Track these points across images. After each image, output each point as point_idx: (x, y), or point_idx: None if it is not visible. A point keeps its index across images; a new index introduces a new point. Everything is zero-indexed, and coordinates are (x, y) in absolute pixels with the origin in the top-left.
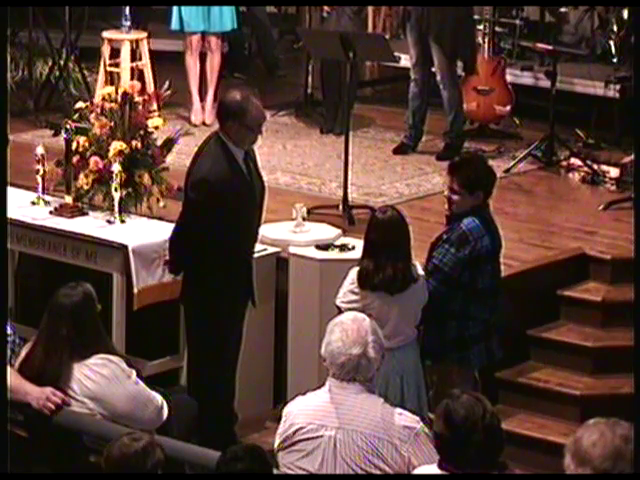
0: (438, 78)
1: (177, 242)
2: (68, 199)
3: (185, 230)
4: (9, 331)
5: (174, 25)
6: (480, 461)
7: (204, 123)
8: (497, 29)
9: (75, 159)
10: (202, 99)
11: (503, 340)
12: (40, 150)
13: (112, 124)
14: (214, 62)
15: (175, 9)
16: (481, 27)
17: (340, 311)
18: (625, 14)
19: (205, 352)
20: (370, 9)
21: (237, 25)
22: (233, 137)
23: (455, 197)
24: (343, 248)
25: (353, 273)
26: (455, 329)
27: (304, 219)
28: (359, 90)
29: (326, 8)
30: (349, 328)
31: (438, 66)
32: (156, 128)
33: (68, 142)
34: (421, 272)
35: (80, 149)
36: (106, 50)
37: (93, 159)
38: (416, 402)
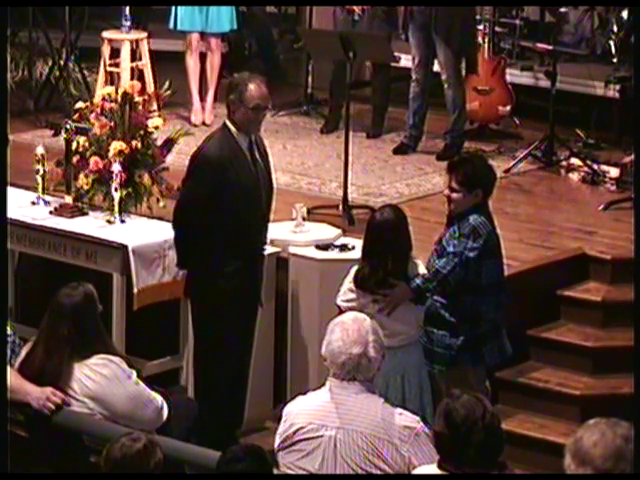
0: (443, 77)
1: (178, 232)
2: (68, 199)
3: (184, 214)
4: (9, 331)
5: (170, 24)
6: (480, 461)
7: (204, 123)
8: (497, 29)
9: (75, 159)
10: (202, 99)
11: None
12: (40, 150)
13: (112, 124)
14: (214, 62)
15: (173, 8)
16: (481, 27)
17: (340, 310)
18: (625, 14)
19: (205, 350)
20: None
21: (237, 25)
22: (235, 117)
23: (454, 195)
24: (343, 248)
25: (353, 272)
26: (467, 331)
27: (304, 219)
28: (359, 90)
29: (357, 11)
30: (350, 328)
31: (445, 66)
32: (156, 128)
33: (68, 142)
34: (423, 271)
35: (80, 149)
36: (106, 50)
37: (93, 159)
38: (418, 403)
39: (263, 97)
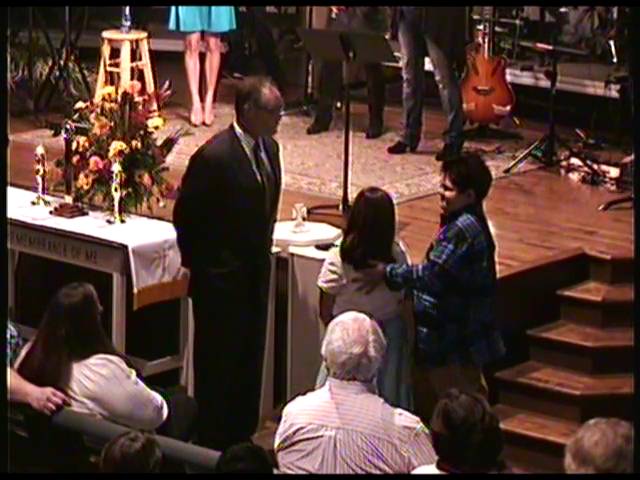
0: (437, 78)
1: (178, 231)
2: (68, 199)
3: (182, 213)
4: (14, 333)
5: (171, 25)
6: (479, 461)
7: (204, 123)
8: (497, 29)
9: (75, 159)
10: (202, 99)
11: (501, 336)
12: (40, 150)
13: (112, 124)
14: (213, 62)
15: (173, 9)
16: (481, 27)
17: (322, 292)
18: (615, 13)
19: (205, 349)
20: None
21: (236, 25)
22: (249, 122)
23: (447, 194)
24: None
25: (331, 253)
26: (454, 331)
27: (304, 219)
28: (359, 90)
29: (335, 9)
30: (350, 327)
31: (437, 66)
32: (156, 128)
33: (68, 142)
34: (404, 249)
35: (80, 149)
36: (106, 50)
37: (93, 159)
38: (394, 377)
39: (279, 98)
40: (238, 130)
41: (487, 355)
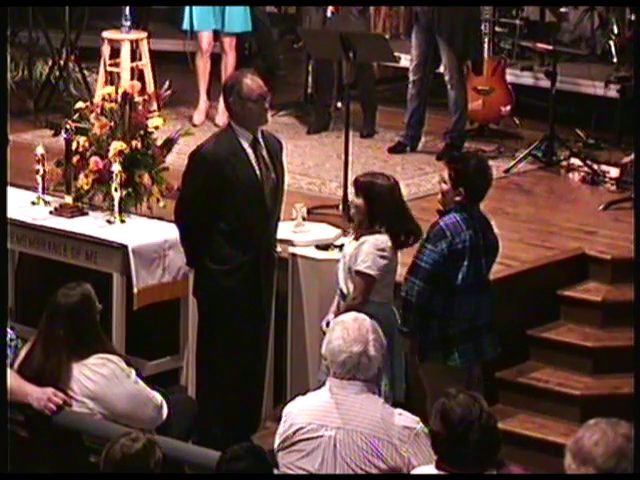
0: (446, 78)
1: (180, 229)
2: (68, 199)
3: (182, 211)
4: (12, 335)
5: (185, 25)
6: (477, 460)
7: (217, 125)
8: (497, 29)
9: (75, 159)
10: (210, 99)
11: (497, 338)
12: (40, 150)
13: (112, 124)
14: (228, 63)
15: (187, 9)
16: (481, 27)
17: (372, 278)
18: (628, 14)
19: (208, 348)
20: (370, 9)
21: (252, 26)
22: (238, 115)
23: (443, 187)
24: (343, 248)
25: (377, 241)
26: (437, 328)
27: (304, 219)
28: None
29: (330, 8)
30: (350, 326)
31: (448, 67)
32: (156, 128)
33: (68, 142)
34: None
35: (80, 149)
36: (106, 50)
37: (93, 159)
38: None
39: (261, 87)
40: (234, 126)
41: (472, 356)
